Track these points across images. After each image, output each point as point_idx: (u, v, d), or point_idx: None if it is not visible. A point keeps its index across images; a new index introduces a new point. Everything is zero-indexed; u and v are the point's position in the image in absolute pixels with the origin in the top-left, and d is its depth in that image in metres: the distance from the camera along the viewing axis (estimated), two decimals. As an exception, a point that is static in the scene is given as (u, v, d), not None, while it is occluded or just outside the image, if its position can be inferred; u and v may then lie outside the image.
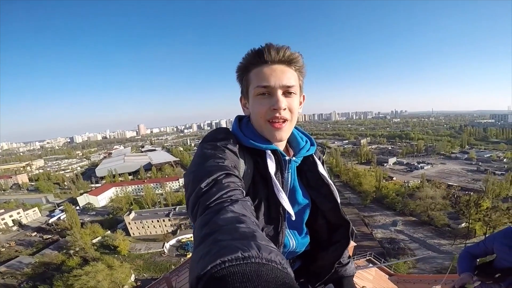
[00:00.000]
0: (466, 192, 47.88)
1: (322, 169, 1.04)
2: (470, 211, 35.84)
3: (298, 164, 1.03)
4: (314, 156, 1.07)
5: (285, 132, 0.92)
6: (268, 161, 0.91)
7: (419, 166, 77.17)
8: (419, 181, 55.47)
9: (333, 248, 1.06)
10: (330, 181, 1.03)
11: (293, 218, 0.91)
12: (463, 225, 38.73)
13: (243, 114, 1.07)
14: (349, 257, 1.22)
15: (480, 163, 77.33)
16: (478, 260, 2.15)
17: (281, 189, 0.88)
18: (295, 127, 1.06)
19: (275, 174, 0.92)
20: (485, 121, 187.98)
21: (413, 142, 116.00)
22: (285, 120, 0.90)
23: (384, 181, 58.97)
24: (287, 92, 0.89)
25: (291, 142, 1.08)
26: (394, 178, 65.37)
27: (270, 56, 0.86)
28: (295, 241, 1.01)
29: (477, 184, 56.74)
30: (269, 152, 0.93)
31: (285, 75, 0.87)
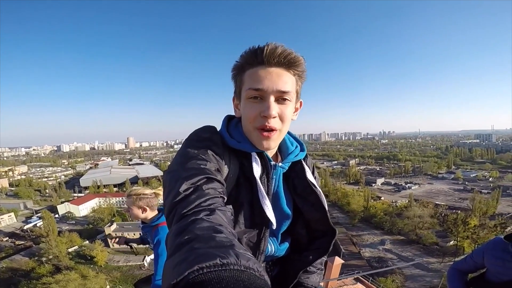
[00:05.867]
0: (454, 211, 48.31)
1: (310, 176, 0.97)
2: (458, 229, 36.26)
3: (285, 171, 0.96)
4: (303, 162, 0.99)
5: (273, 141, 0.85)
6: (254, 164, 0.85)
7: (406, 186, 78.11)
8: (407, 201, 55.49)
9: (306, 254, 1.00)
10: (318, 188, 0.97)
11: (274, 227, 0.86)
12: (451, 243, 38.88)
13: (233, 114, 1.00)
14: (321, 269, 1.11)
15: (466, 183, 79.40)
16: (468, 275, 1.99)
17: (265, 194, 0.84)
18: (288, 132, 0.99)
19: (260, 177, 0.87)
20: (470, 141, 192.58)
21: (401, 163, 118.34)
22: (273, 130, 0.81)
23: (372, 201, 58.94)
24: (280, 98, 0.80)
25: (280, 147, 1.00)
26: (382, 198, 65.46)
27: (267, 57, 0.77)
28: (274, 247, 0.96)
29: (464, 203, 57.58)
30: (255, 155, 0.87)
31: (281, 79, 0.78)
